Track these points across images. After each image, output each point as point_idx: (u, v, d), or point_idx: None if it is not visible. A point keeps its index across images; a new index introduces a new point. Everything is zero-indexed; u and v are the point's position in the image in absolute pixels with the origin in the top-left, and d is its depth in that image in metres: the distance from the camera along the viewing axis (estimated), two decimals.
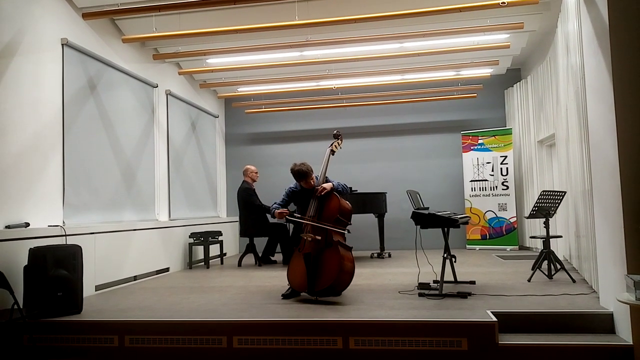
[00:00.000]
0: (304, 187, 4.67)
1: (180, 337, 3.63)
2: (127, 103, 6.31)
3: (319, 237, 4.28)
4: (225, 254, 7.85)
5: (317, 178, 4.67)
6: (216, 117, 9.31)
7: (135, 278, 5.86)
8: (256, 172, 7.50)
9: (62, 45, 5.13)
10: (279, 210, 4.56)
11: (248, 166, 7.53)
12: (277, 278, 5.68)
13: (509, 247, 8.09)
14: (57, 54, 5.07)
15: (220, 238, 7.40)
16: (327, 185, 4.45)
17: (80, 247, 4.18)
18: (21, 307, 3.78)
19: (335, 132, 4.95)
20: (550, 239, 5.12)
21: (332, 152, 4.82)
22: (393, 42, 6.61)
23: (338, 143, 4.89)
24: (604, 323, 3.55)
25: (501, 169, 8.26)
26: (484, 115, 8.97)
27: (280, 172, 8.61)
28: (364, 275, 5.67)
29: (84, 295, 4.22)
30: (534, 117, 7.84)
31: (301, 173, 4.57)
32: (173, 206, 7.30)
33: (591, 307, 3.74)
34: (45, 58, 4.92)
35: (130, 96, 6.40)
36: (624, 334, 3.34)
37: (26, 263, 3.97)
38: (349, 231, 4.43)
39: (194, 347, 3.61)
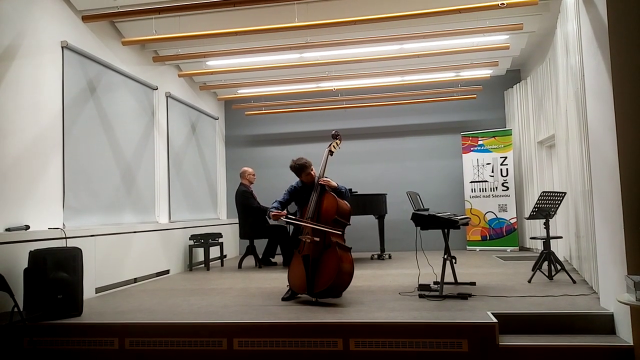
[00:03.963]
0: (306, 184, 4.69)
1: (181, 339, 3.63)
2: (127, 105, 6.32)
3: (318, 239, 4.27)
4: (225, 256, 7.84)
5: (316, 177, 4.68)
6: (216, 119, 9.31)
7: (135, 280, 5.86)
8: (253, 174, 7.48)
9: (62, 47, 5.14)
10: (274, 212, 4.56)
11: (245, 168, 7.53)
12: (277, 280, 5.68)
13: (509, 248, 8.09)
14: (57, 56, 5.08)
15: (220, 240, 7.40)
16: (332, 182, 4.47)
17: (80, 249, 4.18)
18: (21, 309, 3.78)
19: (333, 132, 4.95)
20: (551, 240, 5.12)
21: (331, 152, 4.81)
22: (393, 44, 6.62)
23: (337, 143, 4.88)
24: (605, 324, 3.55)
25: (501, 169, 8.26)
26: (483, 116, 8.97)
27: (280, 174, 8.61)
28: (364, 277, 5.66)
29: (84, 297, 4.22)
30: (534, 118, 7.84)
31: (299, 166, 4.61)
32: (173, 208, 7.30)
33: (591, 307, 3.74)
34: (45, 61, 4.92)
35: (130, 98, 6.40)
36: (625, 334, 3.34)
37: (26, 266, 3.98)
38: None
39: (194, 349, 3.60)
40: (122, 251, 5.61)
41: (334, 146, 4.85)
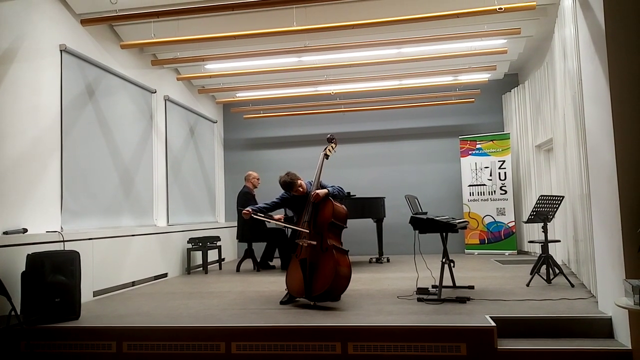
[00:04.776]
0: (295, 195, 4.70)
1: (179, 342, 3.62)
2: (126, 109, 6.32)
3: (314, 242, 4.27)
4: (223, 259, 7.83)
5: (310, 184, 4.66)
6: (214, 122, 9.32)
7: (133, 284, 5.85)
8: (258, 179, 7.52)
9: (61, 51, 5.14)
10: (244, 210, 4.59)
11: (250, 172, 7.55)
12: (275, 283, 5.67)
13: (507, 252, 8.09)
14: (55, 59, 5.08)
15: (218, 243, 7.38)
16: (322, 192, 4.44)
17: (78, 252, 4.17)
18: (19, 313, 3.78)
19: (328, 136, 4.94)
20: (549, 244, 5.12)
21: (326, 156, 4.80)
22: (391, 48, 6.63)
23: (332, 147, 4.87)
24: (603, 328, 3.55)
25: (499, 173, 8.27)
26: (481, 120, 8.99)
27: (278, 178, 8.59)
28: (363, 280, 5.66)
29: (82, 301, 4.21)
30: (532, 122, 7.86)
31: (285, 184, 4.58)
32: (171, 211, 7.29)
33: (590, 311, 3.74)
34: (44, 64, 4.92)
35: (129, 102, 6.40)
36: (623, 338, 3.34)
37: (24, 269, 3.96)
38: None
39: (192, 352, 3.59)
40: (120, 254, 5.60)
41: (329, 150, 4.84)
